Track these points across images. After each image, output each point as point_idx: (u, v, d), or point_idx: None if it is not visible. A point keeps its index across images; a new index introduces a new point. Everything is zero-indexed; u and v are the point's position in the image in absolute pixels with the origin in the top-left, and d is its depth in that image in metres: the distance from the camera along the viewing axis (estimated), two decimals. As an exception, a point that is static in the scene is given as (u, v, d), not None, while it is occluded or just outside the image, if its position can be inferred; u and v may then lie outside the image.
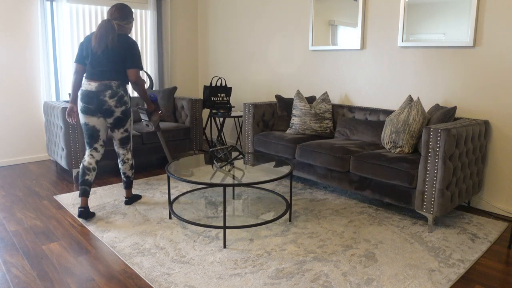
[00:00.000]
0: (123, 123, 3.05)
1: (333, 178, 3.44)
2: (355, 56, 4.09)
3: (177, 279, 2.21)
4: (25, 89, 4.57)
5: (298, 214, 3.16)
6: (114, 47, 2.90)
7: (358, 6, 3.96)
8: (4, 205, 3.32)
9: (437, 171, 2.75)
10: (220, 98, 5.06)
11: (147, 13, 5.37)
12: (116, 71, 2.94)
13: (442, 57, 3.45)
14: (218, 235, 2.76)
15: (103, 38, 2.88)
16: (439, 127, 2.74)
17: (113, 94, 2.93)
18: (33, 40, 4.54)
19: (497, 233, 2.86)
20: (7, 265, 2.37)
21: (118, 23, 2.97)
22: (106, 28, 2.89)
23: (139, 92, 3.08)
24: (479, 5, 3.17)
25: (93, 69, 2.92)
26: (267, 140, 3.98)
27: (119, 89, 2.96)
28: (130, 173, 3.26)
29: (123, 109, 3.00)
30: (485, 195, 3.33)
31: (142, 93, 3.10)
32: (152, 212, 3.17)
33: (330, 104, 4.08)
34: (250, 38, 5.20)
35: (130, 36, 3.02)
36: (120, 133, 3.09)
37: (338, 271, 2.31)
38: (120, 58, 2.93)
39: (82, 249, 2.57)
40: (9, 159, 4.57)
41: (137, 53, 2.97)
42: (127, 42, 2.96)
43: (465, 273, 2.34)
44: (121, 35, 2.96)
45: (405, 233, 2.84)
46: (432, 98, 3.56)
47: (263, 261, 2.42)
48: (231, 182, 2.67)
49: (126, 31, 3.04)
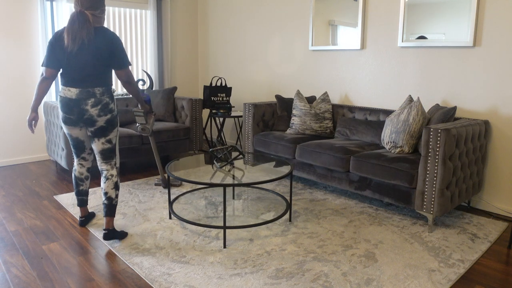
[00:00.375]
0: (106, 132, 2.62)
1: (333, 178, 3.44)
2: (355, 56, 4.09)
3: (177, 279, 2.21)
4: (25, 89, 4.57)
5: (298, 214, 3.16)
6: (92, 42, 2.45)
7: (358, 6, 3.96)
8: (4, 205, 3.32)
9: (437, 171, 2.75)
10: (220, 98, 5.06)
11: (147, 13, 5.37)
12: (99, 74, 2.52)
13: (442, 57, 3.45)
14: (218, 235, 2.76)
15: (77, 33, 2.41)
16: (439, 127, 2.74)
17: (97, 102, 2.52)
18: (33, 40, 4.54)
19: (497, 233, 2.86)
20: (7, 265, 2.37)
21: (92, 13, 2.49)
22: (79, 21, 2.41)
23: (133, 92, 2.73)
24: (479, 5, 3.17)
25: (71, 73, 2.49)
26: (267, 140, 3.98)
27: (104, 97, 2.54)
28: (113, 193, 2.66)
29: (108, 118, 2.59)
30: (485, 195, 3.33)
31: (136, 93, 2.77)
32: (152, 212, 3.17)
33: (330, 104, 4.08)
34: (250, 38, 5.20)
35: (108, 28, 2.56)
36: (101, 143, 2.63)
37: (338, 271, 2.31)
38: (102, 56, 2.49)
39: (82, 249, 2.57)
40: (9, 159, 4.57)
41: (122, 48, 2.56)
42: (108, 36, 2.50)
43: (465, 273, 2.34)
44: (98, 28, 2.51)
45: (405, 233, 2.84)
46: (432, 98, 3.56)
47: (263, 261, 2.42)
48: (231, 182, 2.67)
49: (101, 22, 2.57)
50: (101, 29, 2.51)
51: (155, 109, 4.77)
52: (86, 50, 2.45)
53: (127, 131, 4.20)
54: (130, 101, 4.89)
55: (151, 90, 4.88)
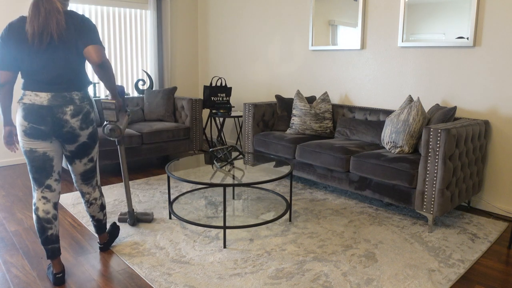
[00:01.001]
0: (89, 150, 2.19)
1: (333, 178, 3.44)
2: (355, 56, 4.09)
3: (177, 279, 2.21)
4: (25, 89, 4.56)
5: (298, 214, 3.16)
6: (63, 33, 1.98)
7: (358, 6, 3.96)
8: (4, 205, 3.32)
9: (437, 171, 2.75)
10: (220, 98, 5.06)
11: (147, 13, 5.37)
12: (73, 73, 2.05)
13: (442, 57, 3.45)
14: (218, 235, 2.76)
15: (45, 26, 1.94)
16: (439, 127, 2.74)
17: (77, 111, 2.06)
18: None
19: (497, 233, 2.86)
20: (7, 265, 2.37)
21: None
22: (45, 9, 1.94)
23: (106, 78, 2.12)
24: (479, 5, 3.17)
25: (37, 74, 2.00)
26: (267, 140, 3.98)
27: (84, 104, 2.10)
28: (101, 215, 2.41)
29: (90, 132, 2.15)
30: (485, 195, 3.33)
31: (109, 81, 2.15)
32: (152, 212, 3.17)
33: (330, 104, 4.08)
34: (250, 38, 5.20)
35: (75, 11, 2.09)
36: (83, 165, 2.22)
37: (338, 271, 2.31)
38: (74, 46, 2.02)
39: (82, 249, 2.57)
40: (9, 159, 4.57)
41: (92, 26, 2.05)
42: (76, 18, 2.03)
43: (465, 273, 2.34)
44: (66, 12, 2.03)
45: (405, 233, 2.84)
46: (432, 98, 3.56)
47: (263, 261, 2.42)
48: (231, 182, 2.67)
49: (66, 6, 2.10)
50: (70, 13, 2.03)
51: (155, 109, 4.75)
52: (55, 44, 1.98)
53: (127, 131, 4.20)
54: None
55: (151, 90, 4.88)
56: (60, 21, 1.96)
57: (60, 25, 1.96)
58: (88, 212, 2.38)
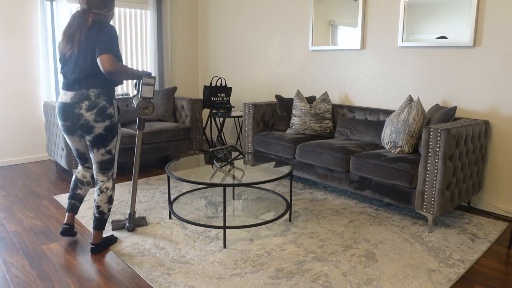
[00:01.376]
0: (106, 142, 2.42)
1: (333, 178, 3.44)
2: (355, 56, 4.09)
3: (177, 279, 2.21)
4: (25, 89, 4.57)
5: (298, 214, 3.16)
6: (82, 44, 2.28)
7: (358, 6, 3.96)
8: (4, 205, 3.32)
9: (437, 171, 2.75)
10: (220, 98, 5.06)
11: (147, 13, 5.37)
12: (94, 75, 2.32)
13: (442, 57, 3.45)
14: (218, 235, 2.76)
15: (73, 36, 2.28)
16: (439, 127, 2.74)
17: (92, 105, 2.31)
18: (33, 40, 4.53)
19: (497, 233, 2.86)
20: (7, 265, 2.37)
21: (98, 12, 2.33)
22: (78, 22, 2.28)
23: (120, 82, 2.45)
24: (479, 5, 3.17)
25: (67, 75, 2.35)
26: (267, 140, 3.98)
27: (100, 99, 2.32)
28: (105, 208, 2.50)
29: (106, 125, 2.37)
30: (485, 195, 3.33)
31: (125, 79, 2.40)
32: (152, 212, 3.17)
33: (330, 104, 4.08)
34: (250, 38, 5.20)
35: (106, 22, 2.35)
36: (100, 155, 2.44)
37: (338, 271, 2.31)
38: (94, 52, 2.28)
39: (82, 249, 2.57)
40: (9, 159, 4.57)
41: (108, 36, 2.26)
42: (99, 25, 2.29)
43: (465, 273, 2.34)
44: (95, 23, 2.31)
45: (405, 233, 2.84)
46: (432, 98, 3.56)
47: (263, 261, 2.42)
48: (231, 182, 2.67)
49: (108, 20, 2.42)
50: (98, 24, 2.29)
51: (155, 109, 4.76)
52: (78, 50, 2.28)
53: (127, 131, 4.20)
54: (130, 101, 4.89)
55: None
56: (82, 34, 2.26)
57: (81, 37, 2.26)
58: (96, 201, 2.50)
